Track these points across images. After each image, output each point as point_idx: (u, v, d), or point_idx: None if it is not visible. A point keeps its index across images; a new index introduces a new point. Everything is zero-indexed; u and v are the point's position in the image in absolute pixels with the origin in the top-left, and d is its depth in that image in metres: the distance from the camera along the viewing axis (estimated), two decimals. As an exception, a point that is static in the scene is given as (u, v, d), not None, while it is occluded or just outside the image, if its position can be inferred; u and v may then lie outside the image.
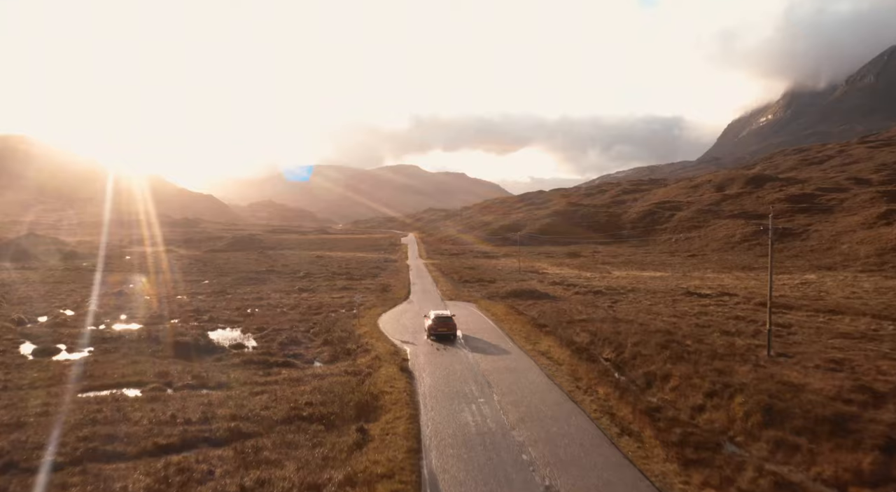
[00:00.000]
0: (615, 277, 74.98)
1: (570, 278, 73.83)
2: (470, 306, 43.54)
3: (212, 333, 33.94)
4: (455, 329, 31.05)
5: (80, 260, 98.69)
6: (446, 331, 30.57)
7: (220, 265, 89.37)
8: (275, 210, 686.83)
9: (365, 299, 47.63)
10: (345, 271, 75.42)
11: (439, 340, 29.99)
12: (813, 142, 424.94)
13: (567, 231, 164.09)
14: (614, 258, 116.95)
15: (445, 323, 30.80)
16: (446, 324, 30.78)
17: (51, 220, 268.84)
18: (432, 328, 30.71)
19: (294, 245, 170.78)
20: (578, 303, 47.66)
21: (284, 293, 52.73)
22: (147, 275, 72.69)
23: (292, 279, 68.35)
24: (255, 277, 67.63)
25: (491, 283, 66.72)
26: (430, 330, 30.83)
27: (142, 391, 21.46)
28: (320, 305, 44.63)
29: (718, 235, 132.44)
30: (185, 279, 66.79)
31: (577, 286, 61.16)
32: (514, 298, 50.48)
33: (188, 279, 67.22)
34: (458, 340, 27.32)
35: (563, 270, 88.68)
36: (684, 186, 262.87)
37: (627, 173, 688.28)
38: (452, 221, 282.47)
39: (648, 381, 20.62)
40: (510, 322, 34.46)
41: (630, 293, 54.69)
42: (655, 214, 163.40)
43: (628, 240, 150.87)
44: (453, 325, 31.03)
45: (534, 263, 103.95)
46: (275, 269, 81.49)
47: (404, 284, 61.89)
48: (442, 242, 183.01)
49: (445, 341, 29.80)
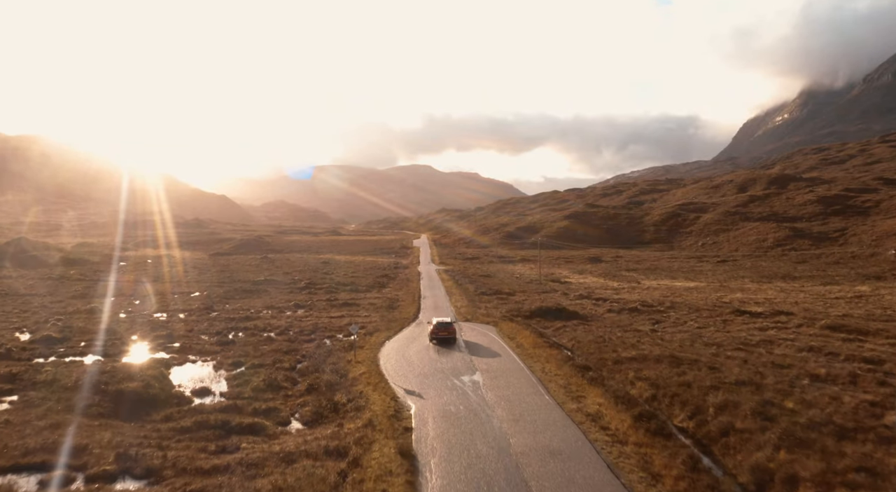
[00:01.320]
0: (646, 289, 68.17)
1: (596, 289, 67.15)
2: (489, 331, 37.16)
3: (176, 370, 27.90)
4: (455, 334, 33.51)
5: (78, 266, 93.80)
6: (447, 335, 33.09)
7: (219, 272, 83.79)
8: (288, 210, 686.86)
9: (368, 320, 41.40)
10: (350, 281, 69.33)
11: (441, 344, 32.31)
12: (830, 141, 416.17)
13: (586, 234, 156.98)
14: (638, 264, 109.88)
15: (446, 328, 33.35)
16: (447, 329, 33.32)
17: (60, 219, 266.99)
18: (434, 333, 33.21)
19: (302, 248, 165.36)
20: (616, 326, 41.08)
21: (278, 311, 46.65)
22: (136, 286, 67.15)
23: (291, 290, 62.40)
24: (251, 289, 61.74)
25: (510, 295, 60.28)
26: (432, 334, 33.37)
27: (40, 481, 15.40)
28: (315, 327, 38.46)
29: (748, 239, 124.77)
30: (173, 290, 61.10)
31: (608, 301, 54.52)
32: (539, 318, 44.01)
33: (178, 290, 61.53)
34: (483, 399, 20.79)
35: (586, 279, 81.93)
36: (704, 186, 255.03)
37: (642, 173, 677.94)
38: (466, 221, 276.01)
39: (761, 485, 14.05)
40: (542, 360, 28.00)
41: (671, 311, 47.97)
42: (679, 216, 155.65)
43: (651, 244, 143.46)
44: (453, 330, 33.58)
45: (554, 270, 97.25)
46: (275, 277, 75.62)
47: (414, 297, 55.64)
48: (455, 244, 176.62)
49: (446, 345, 32.13)
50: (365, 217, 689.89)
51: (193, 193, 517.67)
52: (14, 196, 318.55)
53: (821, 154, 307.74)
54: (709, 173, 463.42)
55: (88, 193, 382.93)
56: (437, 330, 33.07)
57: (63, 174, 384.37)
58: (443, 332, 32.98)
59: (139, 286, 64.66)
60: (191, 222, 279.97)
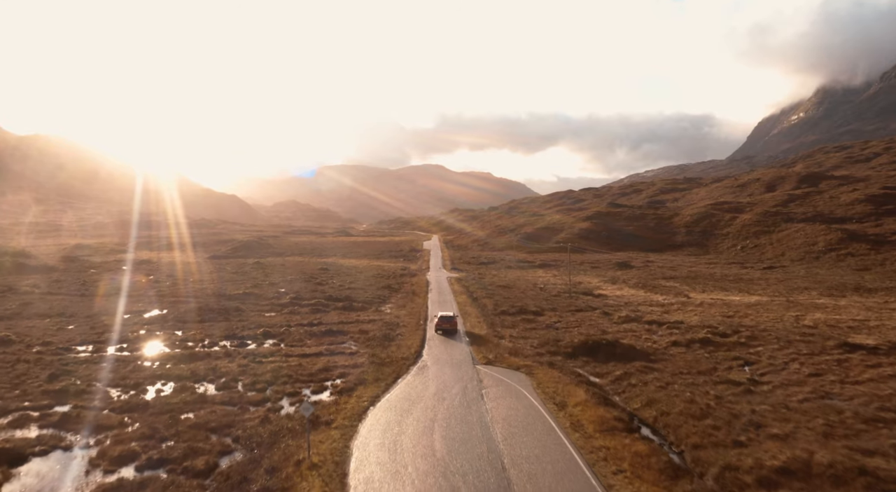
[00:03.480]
0: (700, 305, 56.33)
1: (640, 306, 55.50)
2: (523, 387, 25.76)
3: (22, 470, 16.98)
4: (456, 326, 39.12)
5: (39, 272, 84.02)
6: (449, 327, 38.51)
7: (200, 280, 73.12)
8: (298, 210, 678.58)
9: (351, 363, 30.25)
10: (345, 295, 58.14)
11: (445, 335, 37.81)
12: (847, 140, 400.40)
13: (610, 237, 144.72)
14: (674, 271, 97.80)
15: (449, 321, 38.89)
16: (449, 322, 38.85)
17: (61, 220, 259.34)
18: (438, 325, 38.75)
19: (305, 250, 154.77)
20: (694, 371, 29.58)
21: (238, 343, 35.61)
22: (94, 298, 56.66)
23: (271, 307, 51.45)
24: (223, 306, 50.80)
25: (538, 315, 48.90)
26: (436, 326, 38.80)
27: None
28: (274, 378, 27.36)
29: (795, 243, 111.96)
30: (130, 309, 50.39)
31: (664, 325, 42.93)
32: (586, 356, 32.61)
33: (135, 308, 50.83)
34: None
35: (623, 291, 70.13)
36: (729, 184, 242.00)
37: (657, 172, 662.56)
38: (479, 222, 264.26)
39: None
40: (624, 465, 16.60)
41: (755, 344, 36.33)
42: (713, 216, 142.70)
43: (683, 247, 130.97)
44: (455, 323, 39.25)
45: (581, 278, 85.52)
46: (259, 287, 64.72)
47: (419, 320, 44.47)
48: (468, 246, 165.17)
49: (449, 335, 37.53)
50: (376, 217, 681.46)
51: (203, 192, 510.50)
52: (14, 196, 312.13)
53: (844, 152, 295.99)
54: (726, 172, 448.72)
55: (90, 192, 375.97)
56: (441, 323, 38.81)
57: (64, 173, 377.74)
58: (446, 324, 38.67)
59: (96, 301, 54.20)
60: (197, 222, 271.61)
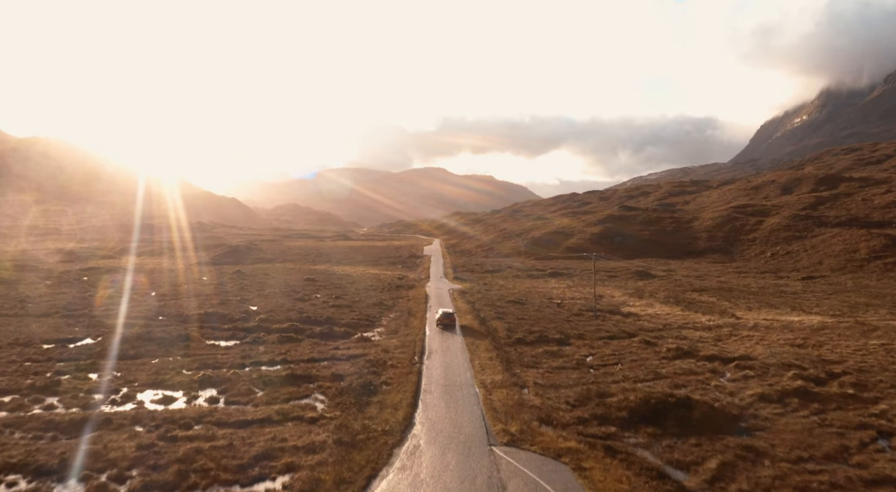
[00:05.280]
0: (756, 329, 46.24)
1: (684, 330, 45.42)
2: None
3: None
4: (455, 321, 45.38)
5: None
6: (449, 322, 44.52)
7: (160, 297, 63.20)
8: (299, 213, 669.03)
9: (312, 440, 20.29)
10: (326, 317, 48.11)
11: (444, 329, 43.56)
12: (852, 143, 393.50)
13: (624, 242, 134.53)
14: (701, 281, 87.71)
15: (449, 317, 44.98)
16: (449, 318, 44.98)
17: (59, 223, 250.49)
18: (439, 321, 44.74)
19: (298, 255, 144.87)
20: (825, 458, 19.54)
21: (156, 404, 25.68)
22: (29, 319, 46.89)
23: (231, 334, 41.58)
24: (169, 336, 40.81)
25: (564, 345, 38.93)
26: (438, 321, 44.80)
27: None
28: (175, 483, 17.37)
29: (833, 250, 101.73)
30: (62, 334, 40.55)
31: (731, 362, 32.89)
32: (650, 426, 22.59)
33: (66, 335, 40.99)
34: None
35: (655, 308, 60.00)
36: (742, 187, 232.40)
37: (660, 175, 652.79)
38: (482, 225, 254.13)
39: None
40: None
41: (870, 394, 26.33)
42: (736, 220, 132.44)
43: (705, 254, 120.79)
44: (454, 318, 45.53)
45: (601, 290, 75.36)
46: (226, 305, 54.72)
47: (412, 356, 34.56)
48: (472, 252, 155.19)
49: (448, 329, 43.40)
50: (378, 220, 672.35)
51: (204, 195, 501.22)
52: (14, 196, 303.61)
53: (854, 154, 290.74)
54: (731, 175, 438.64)
55: (89, 195, 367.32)
56: (441, 319, 44.76)
57: (63, 175, 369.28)
58: (446, 320, 44.68)
59: (31, 325, 44.44)
60: (193, 226, 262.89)
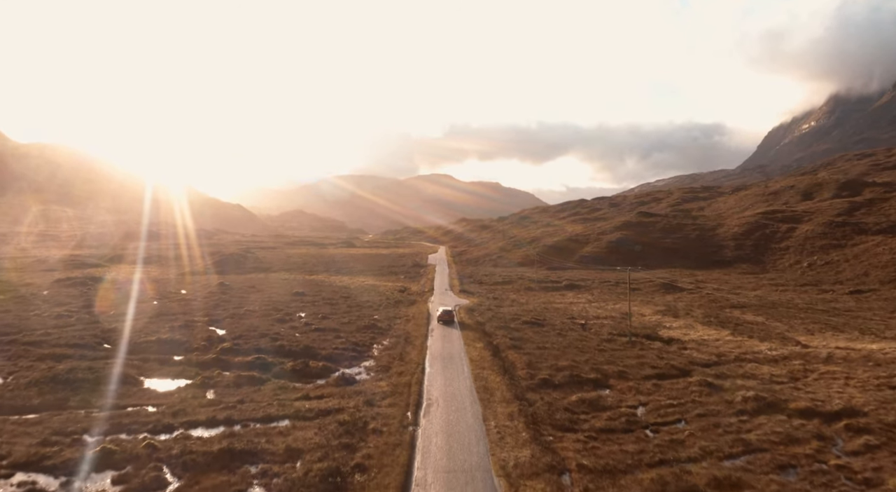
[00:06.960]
0: (832, 361, 37.04)
1: (745, 363, 36.21)
2: None
3: None
4: (454, 317, 51.19)
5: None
6: (449, 318, 49.87)
7: (116, 316, 54.55)
8: (305, 220, 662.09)
9: None
10: (304, 346, 39.23)
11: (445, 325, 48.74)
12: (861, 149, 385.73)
13: (643, 251, 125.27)
14: (737, 296, 78.33)
15: (448, 314, 50.62)
16: (449, 315, 50.60)
17: (58, 229, 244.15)
18: (440, 318, 50.23)
19: (296, 264, 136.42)
20: None
21: None
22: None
23: (182, 369, 32.87)
24: (105, 373, 32.11)
25: (601, 388, 29.95)
26: (438, 318, 50.34)
27: None
28: None
29: (881, 260, 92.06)
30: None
31: (835, 421, 23.83)
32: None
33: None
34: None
35: (698, 332, 50.81)
36: (760, 192, 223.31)
37: (668, 181, 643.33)
38: (490, 232, 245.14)
39: None
40: None
41: None
42: (765, 227, 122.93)
43: (734, 264, 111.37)
44: (453, 314, 51.46)
45: (625, 306, 66.11)
46: (191, 328, 46.01)
47: (405, 411, 25.66)
48: (480, 261, 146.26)
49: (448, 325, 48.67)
50: (384, 226, 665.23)
51: (209, 202, 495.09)
52: (14, 198, 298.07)
53: (868, 160, 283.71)
54: (740, 181, 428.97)
55: (92, 200, 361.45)
56: (442, 315, 50.31)
57: (65, 180, 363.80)
58: (446, 317, 50.15)
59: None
60: (195, 233, 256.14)
